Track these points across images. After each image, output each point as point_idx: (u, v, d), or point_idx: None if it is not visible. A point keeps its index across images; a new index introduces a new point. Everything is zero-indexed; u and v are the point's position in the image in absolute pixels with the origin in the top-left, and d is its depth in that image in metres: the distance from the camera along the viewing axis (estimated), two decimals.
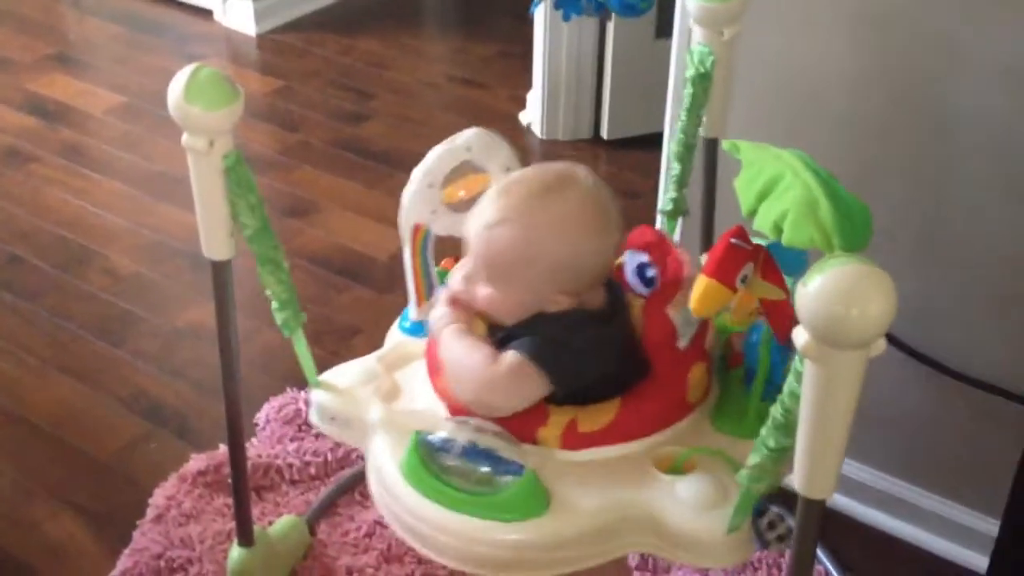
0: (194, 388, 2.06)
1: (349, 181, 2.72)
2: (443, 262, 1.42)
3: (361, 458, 1.87)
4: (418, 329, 1.38)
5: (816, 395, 0.92)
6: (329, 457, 1.86)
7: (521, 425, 1.17)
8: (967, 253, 1.55)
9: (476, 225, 1.20)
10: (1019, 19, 1.39)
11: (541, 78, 2.80)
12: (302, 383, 2.06)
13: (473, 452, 1.13)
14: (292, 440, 1.90)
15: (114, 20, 3.51)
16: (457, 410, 1.20)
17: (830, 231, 0.94)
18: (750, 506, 1.08)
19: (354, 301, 2.31)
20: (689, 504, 1.11)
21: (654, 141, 1.89)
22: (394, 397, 1.28)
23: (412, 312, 1.40)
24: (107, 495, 1.84)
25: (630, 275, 1.30)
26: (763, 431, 1.02)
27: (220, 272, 1.32)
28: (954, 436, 1.67)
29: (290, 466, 1.84)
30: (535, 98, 2.86)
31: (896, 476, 1.75)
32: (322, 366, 1.38)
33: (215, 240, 1.28)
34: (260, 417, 1.96)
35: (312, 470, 1.85)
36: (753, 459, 1.04)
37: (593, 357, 1.17)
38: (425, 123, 2.97)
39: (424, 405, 1.25)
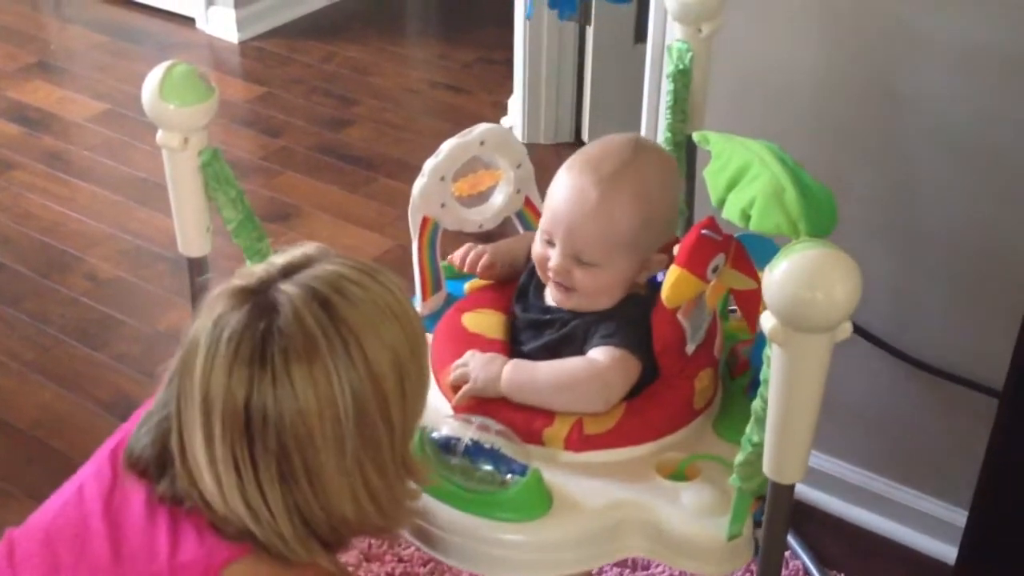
0: None
1: (331, 186, 2.73)
2: (449, 257, 1.39)
3: None
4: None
5: (783, 379, 0.93)
6: None
7: (527, 424, 1.15)
8: (934, 245, 1.56)
9: (575, 213, 1.17)
10: (976, 4, 1.40)
11: (522, 83, 2.81)
12: None
13: (477, 450, 1.12)
14: None
15: (96, 28, 3.51)
16: (461, 408, 1.19)
17: (796, 217, 0.95)
18: (746, 510, 1.07)
19: None
20: (690, 511, 1.10)
21: None
22: None
23: (417, 306, 1.38)
24: None
25: None
26: (748, 428, 1.01)
27: (196, 269, 1.33)
28: (925, 429, 1.68)
29: None
30: (516, 102, 2.88)
31: (869, 470, 1.76)
32: None
33: (190, 237, 1.29)
34: None
35: None
36: (740, 457, 1.03)
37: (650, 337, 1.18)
38: (407, 128, 2.98)
39: (429, 403, 1.23)
